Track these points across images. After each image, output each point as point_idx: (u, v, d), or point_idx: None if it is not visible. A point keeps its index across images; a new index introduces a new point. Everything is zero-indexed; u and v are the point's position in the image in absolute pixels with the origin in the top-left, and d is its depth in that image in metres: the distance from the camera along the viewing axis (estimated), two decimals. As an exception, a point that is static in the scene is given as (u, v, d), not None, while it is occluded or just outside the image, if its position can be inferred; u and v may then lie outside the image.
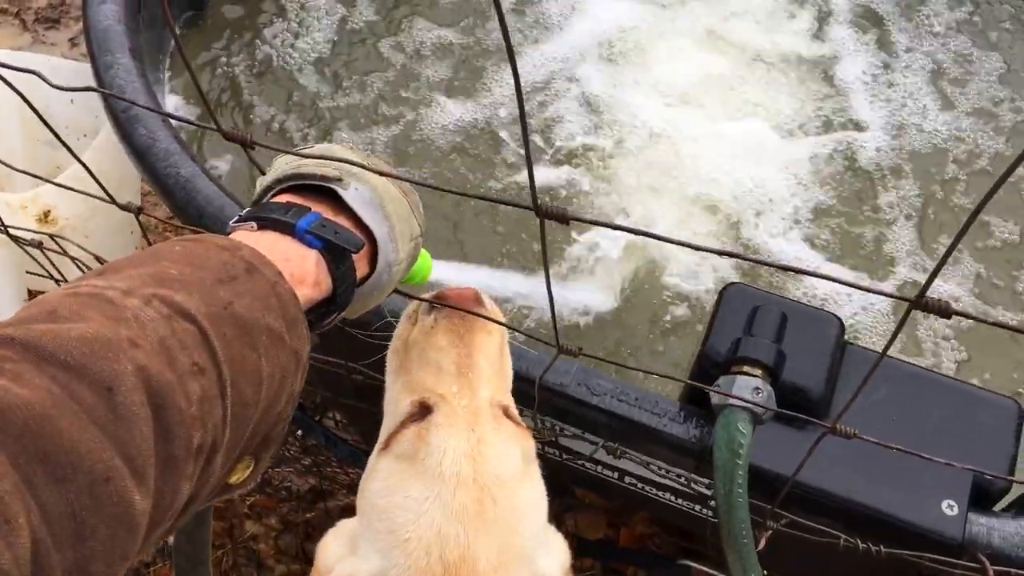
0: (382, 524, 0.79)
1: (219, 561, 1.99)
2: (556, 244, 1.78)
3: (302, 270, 0.74)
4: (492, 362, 0.89)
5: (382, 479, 0.82)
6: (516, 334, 1.07)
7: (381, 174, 0.78)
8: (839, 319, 1.16)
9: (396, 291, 0.95)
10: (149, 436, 0.55)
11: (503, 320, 0.94)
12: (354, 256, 0.78)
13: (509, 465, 0.81)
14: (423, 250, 0.97)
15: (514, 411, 0.88)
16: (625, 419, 1.15)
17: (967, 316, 0.57)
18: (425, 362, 0.88)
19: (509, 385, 0.93)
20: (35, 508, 0.49)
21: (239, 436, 0.65)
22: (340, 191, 0.78)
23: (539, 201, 0.64)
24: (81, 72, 1.99)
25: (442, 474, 0.78)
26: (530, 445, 0.86)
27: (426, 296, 0.93)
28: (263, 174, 0.85)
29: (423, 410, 0.84)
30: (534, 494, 0.84)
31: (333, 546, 0.85)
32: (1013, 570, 1.02)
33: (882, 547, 1.03)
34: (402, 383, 0.89)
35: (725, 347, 1.12)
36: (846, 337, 1.17)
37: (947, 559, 1.02)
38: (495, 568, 0.77)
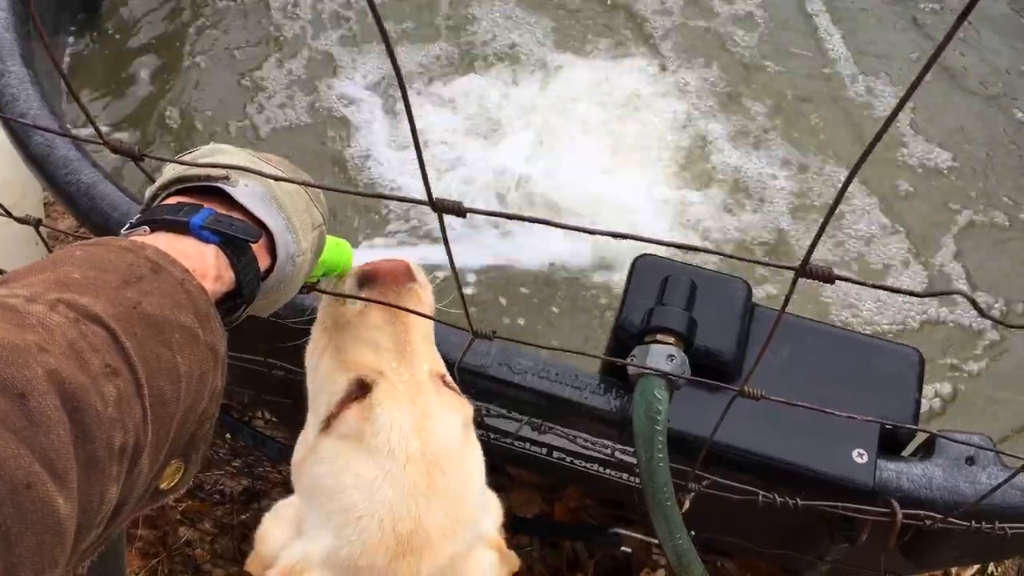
0: (333, 504, 0.80)
1: (154, 570, 1.97)
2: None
3: (203, 265, 0.73)
4: (426, 334, 0.90)
5: (328, 460, 0.82)
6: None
7: (266, 176, 0.78)
8: (746, 283, 1.20)
9: (315, 289, 0.95)
10: (67, 439, 0.54)
11: (430, 292, 0.95)
12: (254, 248, 0.78)
13: (453, 435, 0.83)
14: (342, 240, 0.96)
15: (450, 379, 0.89)
16: (547, 395, 1.17)
17: (849, 280, 0.60)
18: (361, 341, 0.88)
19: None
20: None
21: (163, 436, 0.65)
22: (228, 189, 0.78)
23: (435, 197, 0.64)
24: (-28, 82, 1.92)
25: (392, 451, 0.79)
26: (469, 412, 0.88)
27: (355, 272, 0.93)
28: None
29: (361, 388, 0.84)
30: (475, 460, 0.87)
31: (276, 532, 0.85)
32: (922, 512, 1.07)
33: (798, 500, 1.07)
34: (334, 361, 0.89)
35: (639, 317, 1.14)
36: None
37: (860, 507, 1.07)
38: (444, 534, 0.79)
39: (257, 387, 1.49)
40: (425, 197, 0.65)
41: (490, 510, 0.89)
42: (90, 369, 0.58)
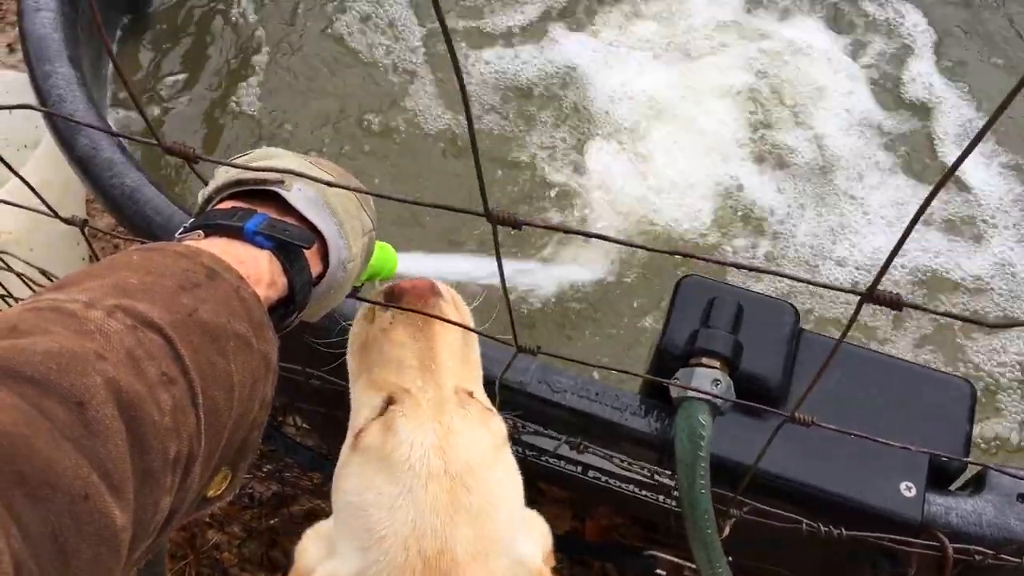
0: (357, 522, 0.78)
1: (181, 572, 1.97)
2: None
3: (257, 271, 0.73)
4: (454, 351, 0.88)
5: (354, 476, 0.81)
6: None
7: (319, 181, 0.77)
8: (794, 307, 1.17)
9: (356, 296, 0.94)
10: (124, 450, 0.54)
11: (465, 309, 0.93)
12: (307, 254, 0.77)
13: (479, 451, 0.81)
14: (386, 244, 0.96)
15: (482, 395, 0.87)
16: (586, 415, 1.15)
17: (918, 307, 0.58)
18: (387, 359, 0.87)
19: (478, 372, 0.92)
20: (15, 531, 0.47)
21: (215, 445, 0.64)
22: (282, 192, 0.77)
23: (493, 206, 0.63)
24: (19, 82, 1.94)
25: (412, 467, 0.77)
26: (499, 427, 0.85)
27: (379, 291, 0.91)
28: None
29: (389, 406, 0.83)
30: (507, 477, 0.83)
31: (312, 549, 0.84)
32: (972, 547, 1.04)
33: (843, 530, 1.04)
34: (365, 382, 0.88)
35: (683, 339, 1.12)
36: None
37: (907, 539, 1.04)
38: (474, 557, 0.76)
39: (291, 394, 1.48)
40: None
41: (533, 533, 0.86)
42: (147, 377, 0.58)
